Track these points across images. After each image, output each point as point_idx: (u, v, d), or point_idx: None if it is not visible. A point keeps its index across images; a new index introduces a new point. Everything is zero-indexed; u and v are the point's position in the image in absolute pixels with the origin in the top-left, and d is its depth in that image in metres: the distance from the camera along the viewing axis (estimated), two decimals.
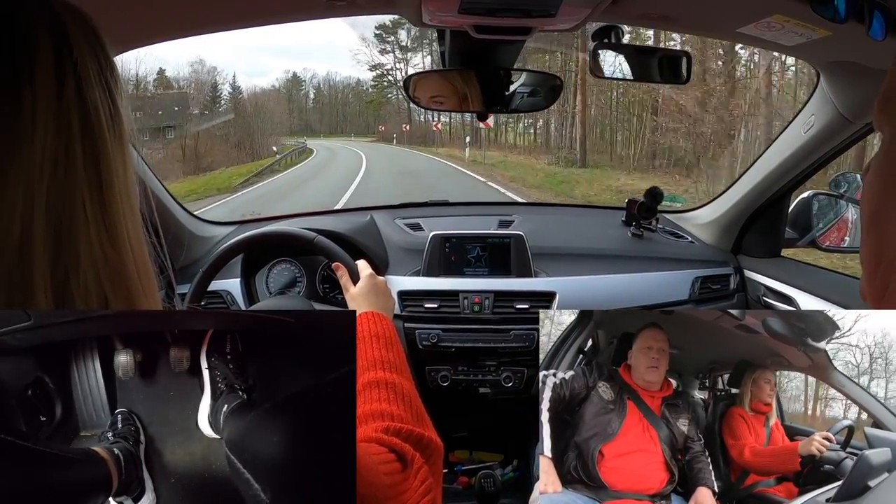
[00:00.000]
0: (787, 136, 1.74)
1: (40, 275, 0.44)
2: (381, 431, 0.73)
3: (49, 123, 0.45)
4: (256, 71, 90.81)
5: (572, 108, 24.84)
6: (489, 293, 1.85)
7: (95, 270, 0.47)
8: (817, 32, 1.11)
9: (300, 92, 61.26)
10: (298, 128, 55.59)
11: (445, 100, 1.46)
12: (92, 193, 0.47)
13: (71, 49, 0.47)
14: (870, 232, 0.49)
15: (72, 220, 0.46)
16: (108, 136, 0.49)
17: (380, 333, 0.95)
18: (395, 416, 0.77)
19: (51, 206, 0.44)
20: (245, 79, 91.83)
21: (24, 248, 0.43)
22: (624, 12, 1.18)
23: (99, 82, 0.49)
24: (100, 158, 0.48)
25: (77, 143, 0.46)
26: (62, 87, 0.46)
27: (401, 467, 0.69)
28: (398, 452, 0.70)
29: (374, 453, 0.69)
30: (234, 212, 12.48)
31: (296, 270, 1.97)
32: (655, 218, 2.18)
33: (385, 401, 0.80)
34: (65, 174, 0.45)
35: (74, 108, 0.47)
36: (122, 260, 0.49)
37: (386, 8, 1.23)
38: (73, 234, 0.46)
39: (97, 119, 0.48)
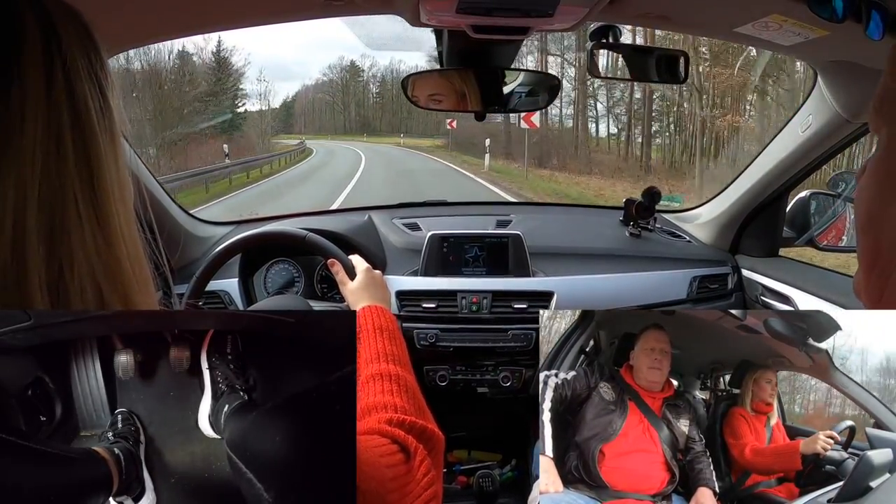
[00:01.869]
0: (785, 135, 1.74)
1: (35, 269, 0.44)
2: (384, 423, 0.73)
3: (39, 117, 0.45)
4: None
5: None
6: (487, 293, 1.85)
7: (90, 265, 0.47)
8: (815, 32, 1.11)
9: (358, 83, 55.12)
10: (356, 126, 49.29)
11: (444, 99, 1.46)
12: (83, 188, 0.47)
13: (60, 43, 0.47)
14: (866, 233, 0.50)
15: (64, 214, 0.46)
16: (98, 131, 0.49)
17: (384, 326, 0.95)
18: (398, 407, 0.78)
19: (43, 200, 0.44)
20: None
21: (17, 243, 0.43)
22: (622, 12, 1.18)
23: (89, 77, 0.49)
24: (90, 153, 0.48)
25: (67, 136, 0.46)
26: (51, 80, 0.46)
27: (404, 458, 0.70)
28: (401, 444, 0.71)
29: (378, 445, 0.69)
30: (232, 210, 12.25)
31: (293, 270, 1.97)
32: (653, 217, 2.18)
33: (389, 393, 0.80)
34: (56, 168, 0.45)
35: (64, 101, 0.47)
36: (116, 255, 0.49)
37: (383, 8, 1.23)
38: (66, 229, 0.46)
39: (87, 114, 0.48)
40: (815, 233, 1.83)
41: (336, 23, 1.23)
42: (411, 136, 45.50)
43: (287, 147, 32.76)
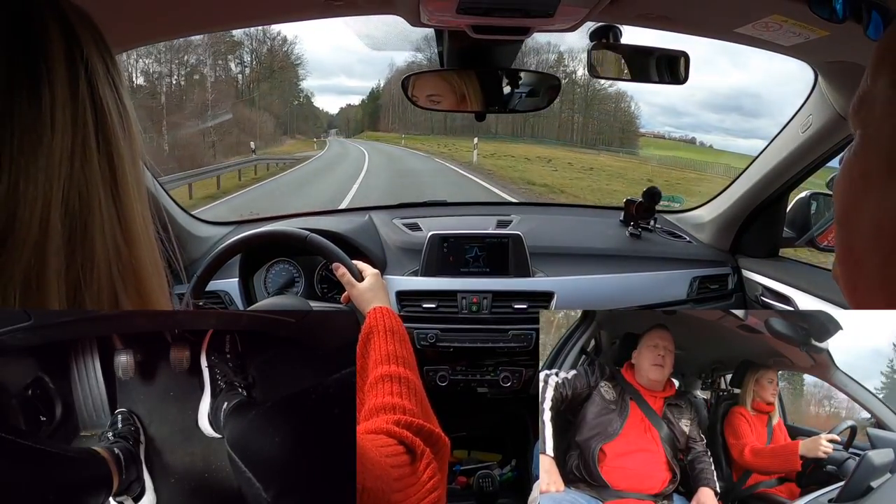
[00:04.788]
0: (785, 135, 1.75)
1: (54, 271, 0.44)
2: (392, 423, 0.74)
3: (67, 120, 0.45)
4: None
5: None
6: (487, 293, 1.85)
7: (108, 266, 0.47)
8: (815, 32, 1.11)
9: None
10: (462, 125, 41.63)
11: (443, 99, 1.46)
12: (107, 189, 0.47)
13: (81, 48, 0.47)
14: (842, 226, 0.52)
15: (89, 216, 0.46)
16: (118, 133, 0.49)
17: (394, 328, 0.97)
18: (406, 410, 0.78)
19: (69, 201, 0.45)
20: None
21: (40, 244, 0.43)
22: (622, 12, 1.18)
23: (106, 79, 0.50)
24: (112, 154, 0.48)
25: (92, 139, 0.47)
26: (76, 84, 0.46)
27: (409, 460, 0.70)
28: (408, 445, 0.71)
29: (384, 445, 0.69)
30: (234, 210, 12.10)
31: (294, 271, 1.97)
32: (653, 218, 2.18)
33: (398, 395, 0.81)
34: (82, 170, 0.46)
35: (88, 104, 0.47)
36: (137, 255, 0.49)
37: (384, 8, 1.23)
38: (90, 229, 0.46)
39: (109, 116, 0.49)
40: (815, 233, 1.83)
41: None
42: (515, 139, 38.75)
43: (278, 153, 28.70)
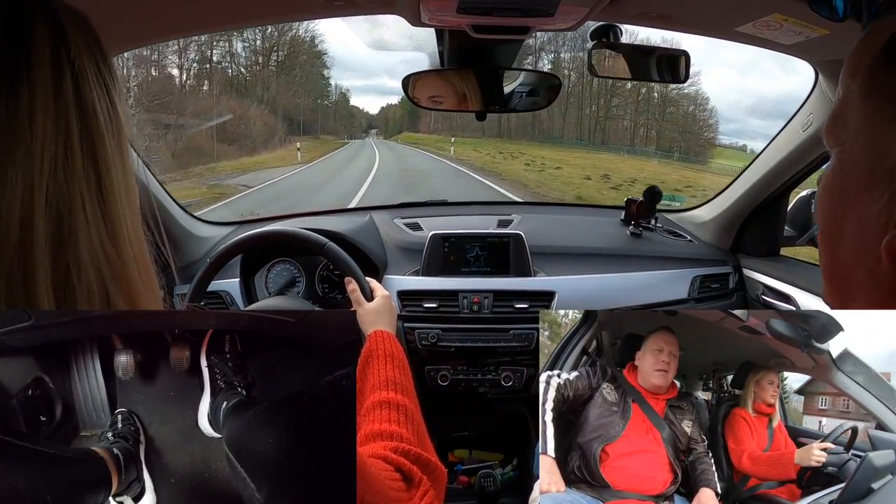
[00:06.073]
0: (786, 134, 1.74)
1: (42, 273, 0.44)
2: (390, 450, 0.75)
3: (48, 122, 0.45)
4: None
5: None
6: (488, 293, 1.85)
7: (97, 268, 0.47)
8: (816, 31, 1.11)
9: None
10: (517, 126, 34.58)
11: (444, 99, 1.46)
12: (91, 192, 0.47)
13: (69, 48, 0.47)
14: (825, 244, 0.51)
15: (72, 219, 0.46)
16: (106, 136, 0.49)
17: (394, 354, 0.96)
18: (403, 438, 0.79)
19: (51, 205, 0.44)
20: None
21: (24, 246, 0.43)
22: (622, 12, 1.18)
23: (97, 82, 0.49)
24: (98, 157, 0.48)
25: (76, 141, 0.46)
26: (60, 85, 0.46)
27: (405, 486, 0.71)
28: (405, 472, 0.72)
29: (382, 469, 0.70)
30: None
31: (295, 271, 1.96)
32: (654, 217, 2.18)
33: (395, 422, 0.81)
34: (64, 173, 0.45)
35: (73, 106, 0.47)
36: (123, 258, 0.49)
37: (384, 8, 1.23)
38: (74, 233, 0.46)
39: (95, 118, 0.48)
40: (816, 232, 1.82)
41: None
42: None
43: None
